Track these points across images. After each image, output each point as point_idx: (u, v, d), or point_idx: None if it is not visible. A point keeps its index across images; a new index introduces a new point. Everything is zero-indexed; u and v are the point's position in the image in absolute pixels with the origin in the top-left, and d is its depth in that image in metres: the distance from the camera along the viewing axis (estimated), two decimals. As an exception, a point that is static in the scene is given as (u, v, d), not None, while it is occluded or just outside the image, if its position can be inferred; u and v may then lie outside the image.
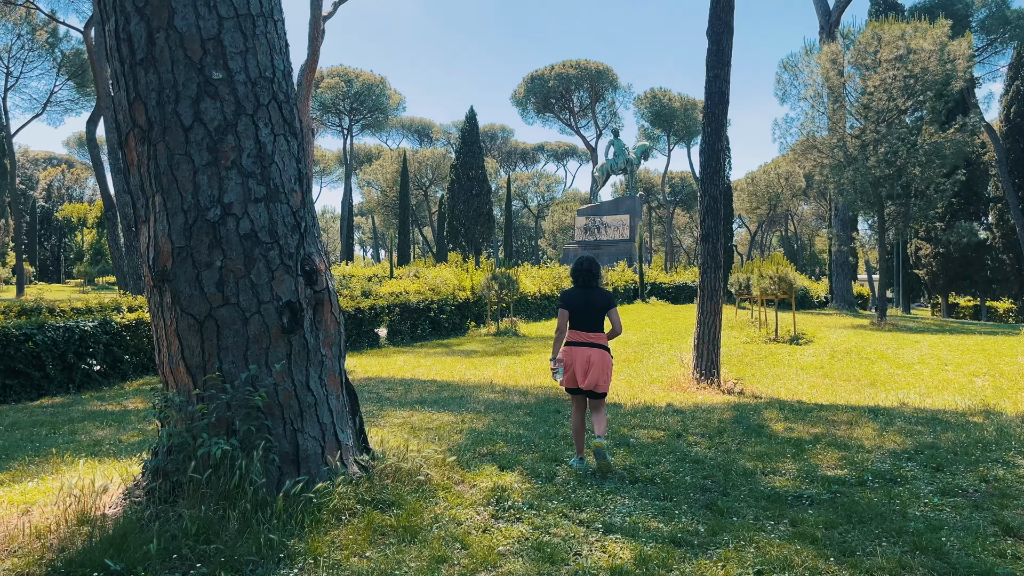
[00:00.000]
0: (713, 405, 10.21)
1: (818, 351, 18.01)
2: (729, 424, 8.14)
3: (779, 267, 20.26)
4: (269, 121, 4.75)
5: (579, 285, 6.01)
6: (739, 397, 11.34)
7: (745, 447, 6.80)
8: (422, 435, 7.19)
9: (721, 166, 13.00)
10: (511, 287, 23.17)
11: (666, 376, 13.76)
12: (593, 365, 5.72)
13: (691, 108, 69.34)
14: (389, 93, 71.26)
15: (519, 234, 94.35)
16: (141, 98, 4.56)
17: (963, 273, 43.62)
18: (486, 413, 8.89)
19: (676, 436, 7.34)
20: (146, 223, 4.68)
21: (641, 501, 4.97)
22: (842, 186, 27.48)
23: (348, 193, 67.06)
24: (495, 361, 16.41)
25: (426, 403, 10.08)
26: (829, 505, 4.88)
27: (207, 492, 4.04)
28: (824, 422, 8.30)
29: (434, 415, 8.74)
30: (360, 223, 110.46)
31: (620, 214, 47.98)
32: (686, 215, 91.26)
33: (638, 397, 10.96)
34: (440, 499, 4.71)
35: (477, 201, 48.14)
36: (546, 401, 10.17)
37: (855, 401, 11.46)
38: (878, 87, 26.23)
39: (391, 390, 11.92)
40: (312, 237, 4.92)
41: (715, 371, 12.50)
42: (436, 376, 14.01)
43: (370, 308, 19.88)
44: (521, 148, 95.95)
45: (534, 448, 6.61)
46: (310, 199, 5.04)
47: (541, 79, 70.05)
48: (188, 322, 4.54)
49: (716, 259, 12.73)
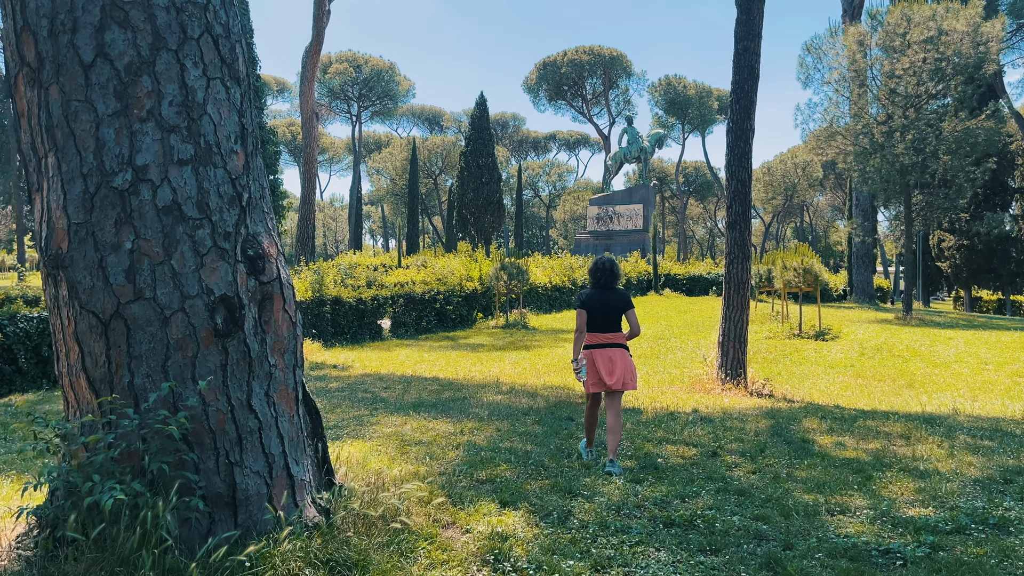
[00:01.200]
0: (744, 411, 9.09)
1: (846, 348, 16.84)
2: (768, 437, 7.03)
3: (804, 258, 19.05)
4: (200, 60, 3.61)
5: (598, 286, 5.95)
6: (770, 401, 10.21)
7: (795, 471, 5.67)
8: (412, 452, 6.09)
9: (750, 148, 11.83)
10: (521, 278, 22.03)
11: (687, 375, 12.64)
12: (616, 364, 5.73)
13: (706, 96, 67.87)
14: (399, 79, 70.02)
15: (530, 224, 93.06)
16: (29, 26, 3.45)
17: (987, 266, 42.17)
18: (489, 421, 7.79)
19: (711, 455, 6.22)
20: (39, 192, 3.58)
21: (680, 555, 3.86)
22: (867, 174, 26.17)
23: (357, 181, 65.94)
24: (503, 356, 15.33)
25: (424, 407, 9.00)
26: (927, 565, 3.74)
27: (97, 556, 2.96)
28: (876, 435, 7.18)
29: (430, 423, 7.66)
30: (370, 212, 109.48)
31: (633, 203, 46.72)
32: (699, 206, 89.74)
33: (659, 400, 9.85)
34: (421, 555, 3.61)
35: (487, 189, 46.86)
36: (557, 405, 9.07)
37: (898, 406, 10.32)
38: (907, 70, 24.88)
39: (388, 389, 10.86)
40: (259, 212, 3.79)
41: (741, 371, 11.37)
42: (439, 373, 12.95)
43: (372, 299, 18.80)
44: (533, 137, 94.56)
45: (543, 472, 5.50)
46: (258, 163, 3.90)
47: (553, 65, 68.64)
48: (89, 322, 3.43)
49: (744, 249, 11.57)
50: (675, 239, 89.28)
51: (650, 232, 43.71)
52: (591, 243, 46.44)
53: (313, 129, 28.47)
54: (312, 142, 28.33)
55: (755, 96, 11.64)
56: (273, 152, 14.31)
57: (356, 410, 8.74)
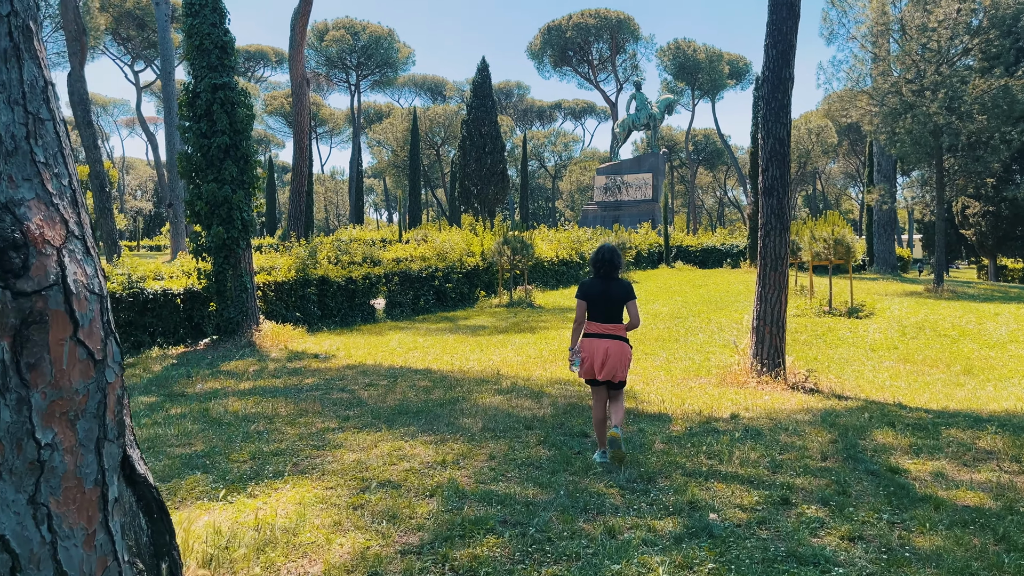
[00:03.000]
0: (794, 415, 7.56)
1: (884, 326, 15.25)
2: (841, 463, 5.48)
3: (835, 228, 17.40)
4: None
5: (599, 276, 5.81)
6: (818, 398, 8.67)
7: (910, 535, 4.05)
8: (370, 504, 4.56)
9: (789, 100, 10.21)
10: (525, 252, 20.43)
11: (715, 364, 11.10)
12: (610, 356, 5.62)
13: (717, 60, 65.56)
14: (398, 46, 67.81)
15: (535, 196, 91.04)
16: None
17: (1012, 233, 40.31)
18: (481, 440, 6.26)
19: (780, 503, 4.62)
20: None
21: None
22: (897, 136, 24.34)
23: (356, 152, 64.01)
24: (506, 340, 13.82)
25: (406, 415, 7.49)
26: None
27: None
28: (977, 456, 5.65)
29: (407, 444, 6.14)
30: (374, 186, 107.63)
31: (642, 172, 44.93)
32: (709, 175, 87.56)
33: (688, 400, 8.32)
34: None
35: (490, 159, 45.00)
36: (567, 412, 7.55)
37: (967, 401, 8.78)
38: (942, 22, 22.97)
39: (371, 386, 9.38)
40: (25, 165, 2.20)
41: (780, 360, 9.82)
42: (432, 363, 11.45)
43: (364, 278, 17.25)
44: (537, 106, 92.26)
45: (548, 550, 3.89)
46: (29, 75, 2.28)
47: (558, 29, 66.32)
48: None
49: (782, 218, 9.97)
50: (683, 209, 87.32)
51: (660, 202, 41.98)
52: (599, 214, 44.73)
53: (304, 96, 26.77)
54: (303, 110, 26.65)
55: (795, 39, 9.99)
56: (245, 115, 12.70)
57: (322, 421, 7.24)
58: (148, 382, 9.90)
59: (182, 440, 6.52)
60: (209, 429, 6.98)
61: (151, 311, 12.74)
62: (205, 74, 13.00)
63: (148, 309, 12.70)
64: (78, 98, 23.00)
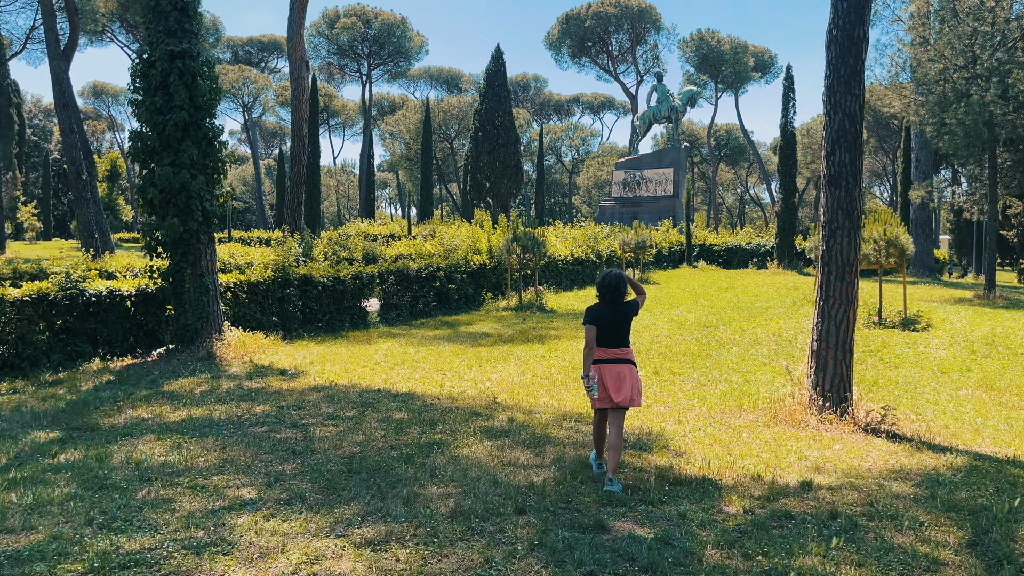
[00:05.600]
0: (884, 481, 5.56)
1: (947, 342, 13.13)
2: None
3: (887, 227, 15.25)
4: None
5: (605, 301, 5.82)
6: (905, 449, 6.66)
7: None
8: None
9: (862, 66, 8.22)
10: (536, 250, 18.42)
11: (760, 392, 9.08)
12: (625, 380, 5.62)
13: (742, 52, 63.11)
14: (411, 35, 65.78)
15: (551, 191, 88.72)
16: None
17: (1058, 235, 37.89)
18: (445, 541, 4.28)
19: None
20: None
21: None
22: (948, 128, 22.10)
23: (368, 144, 61.96)
24: (509, 353, 11.87)
25: (357, 474, 5.56)
26: None
27: None
28: None
29: (331, 547, 4.16)
30: (387, 180, 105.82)
31: (663, 167, 42.76)
32: (730, 171, 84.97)
33: (737, 452, 6.33)
34: None
35: (504, 152, 42.93)
36: (576, 474, 5.58)
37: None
38: (999, 2, 20.73)
39: (332, 420, 7.48)
40: None
41: (847, 392, 7.80)
42: (418, 384, 9.53)
43: (354, 278, 15.27)
44: (555, 100, 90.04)
45: None
46: None
47: (577, 19, 64.08)
48: None
49: (852, 215, 7.92)
50: (703, 206, 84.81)
51: (682, 198, 39.83)
52: (617, 210, 42.63)
53: (303, 79, 24.91)
54: (302, 94, 24.78)
55: (871, -10, 7.95)
56: (208, 88, 10.95)
57: (240, 484, 5.30)
58: (61, 409, 8.00)
59: (24, 519, 4.60)
60: (81, 496, 5.08)
61: (94, 315, 10.86)
62: (161, 39, 11.13)
63: (91, 313, 10.82)
64: (55, 76, 21.23)
